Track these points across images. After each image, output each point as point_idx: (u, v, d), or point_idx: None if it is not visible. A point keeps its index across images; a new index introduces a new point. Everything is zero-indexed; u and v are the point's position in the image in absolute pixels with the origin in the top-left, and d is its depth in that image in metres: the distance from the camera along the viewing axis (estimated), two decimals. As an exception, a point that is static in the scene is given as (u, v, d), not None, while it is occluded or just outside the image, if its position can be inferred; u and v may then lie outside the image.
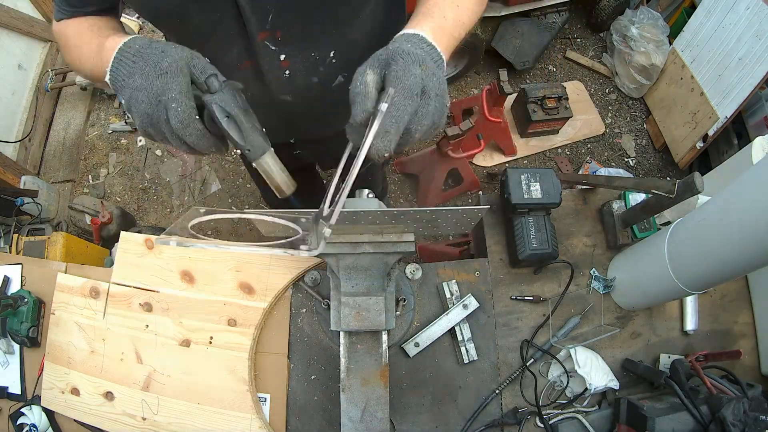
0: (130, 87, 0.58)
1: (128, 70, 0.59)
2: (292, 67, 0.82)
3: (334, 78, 0.87)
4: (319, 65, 0.83)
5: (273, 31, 0.75)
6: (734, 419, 0.84)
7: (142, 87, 0.57)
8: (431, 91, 0.58)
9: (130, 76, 0.59)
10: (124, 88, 0.59)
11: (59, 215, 2.40)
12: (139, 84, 0.57)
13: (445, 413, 1.00)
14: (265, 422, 0.95)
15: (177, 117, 0.56)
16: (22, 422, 1.01)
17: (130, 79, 0.59)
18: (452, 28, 0.69)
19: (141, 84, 0.57)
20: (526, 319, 1.08)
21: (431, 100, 0.58)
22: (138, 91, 0.57)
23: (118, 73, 0.60)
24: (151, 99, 0.57)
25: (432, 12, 0.68)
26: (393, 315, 0.82)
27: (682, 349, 1.11)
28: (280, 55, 0.79)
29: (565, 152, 2.68)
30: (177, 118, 0.56)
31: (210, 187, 2.53)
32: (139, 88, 0.57)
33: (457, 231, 0.83)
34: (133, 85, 0.58)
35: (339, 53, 0.83)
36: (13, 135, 2.46)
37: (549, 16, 2.62)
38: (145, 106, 0.57)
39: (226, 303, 1.00)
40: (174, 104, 0.56)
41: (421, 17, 0.68)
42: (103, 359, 1.00)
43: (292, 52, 0.79)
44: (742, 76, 2.12)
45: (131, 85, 0.58)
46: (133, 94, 0.58)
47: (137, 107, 0.58)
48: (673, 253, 0.91)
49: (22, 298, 1.05)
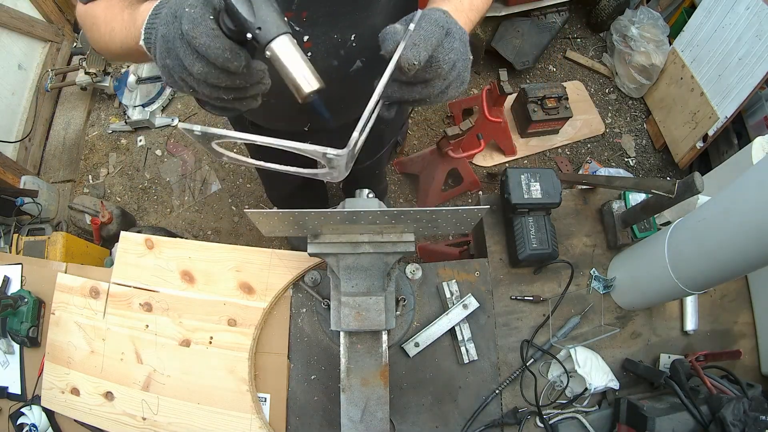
0: (159, 31, 0.55)
1: (159, 18, 0.56)
2: (314, 48, 0.82)
3: (352, 62, 0.88)
4: (340, 48, 0.84)
5: (299, 12, 0.75)
6: (734, 419, 0.84)
7: (163, 17, 0.54)
8: (455, 33, 0.62)
9: (161, 22, 0.55)
10: (156, 40, 0.56)
11: (59, 215, 2.40)
12: (162, 14, 0.55)
13: (445, 413, 1.00)
14: (265, 422, 0.95)
15: (188, 17, 0.51)
16: (22, 422, 1.01)
17: (161, 25, 0.55)
18: (468, 11, 0.74)
19: (164, 14, 0.54)
20: (526, 319, 1.08)
21: (455, 40, 0.62)
22: (160, 24, 0.55)
23: (150, 29, 0.59)
24: (169, 19, 0.54)
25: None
26: (393, 315, 0.82)
27: (682, 349, 1.11)
28: (304, 36, 0.79)
29: (565, 152, 2.68)
30: (188, 18, 0.51)
31: (210, 187, 2.53)
32: (162, 18, 0.54)
33: (457, 231, 0.83)
34: (158, 25, 0.56)
35: (359, 37, 0.83)
36: (13, 135, 2.46)
37: (549, 16, 2.62)
38: (162, 28, 0.54)
39: (226, 303, 1.00)
40: (187, 8, 0.52)
41: (439, 1, 0.72)
42: (103, 359, 1.00)
43: (316, 33, 0.79)
44: (742, 76, 2.12)
45: (160, 29, 0.55)
46: (158, 32, 0.55)
47: (157, 38, 0.55)
48: (673, 253, 0.91)
49: (22, 298, 1.05)
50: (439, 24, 0.61)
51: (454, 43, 0.62)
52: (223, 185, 2.53)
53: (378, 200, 0.85)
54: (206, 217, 2.47)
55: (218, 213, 2.47)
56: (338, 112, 1.01)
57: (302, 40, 0.80)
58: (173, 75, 0.56)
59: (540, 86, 2.45)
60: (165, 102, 2.67)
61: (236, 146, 2.67)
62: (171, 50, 0.54)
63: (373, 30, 0.84)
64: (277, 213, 0.71)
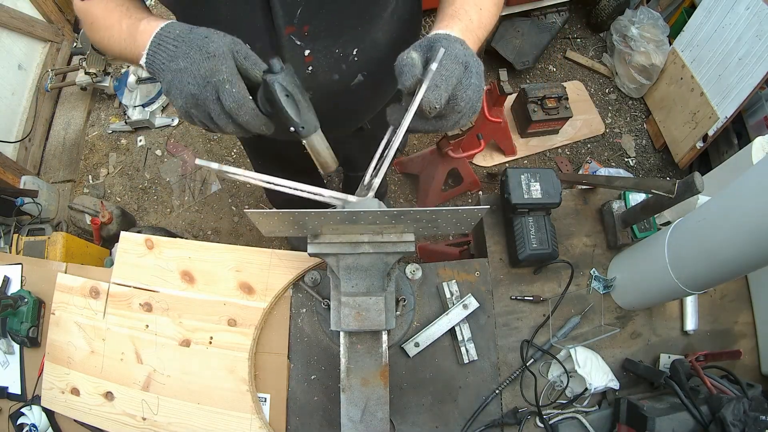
0: (173, 70, 0.60)
1: (169, 54, 0.61)
2: (315, 63, 0.81)
3: (354, 76, 0.88)
4: (341, 62, 0.83)
5: (300, 26, 0.75)
6: (734, 419, 0.84)
7: (187, 70, 0.59)
8: (472, 67, 0.64)
9: (172, 60, 0.60)
10: (164, 71, 0.61)
11: (59, 215, 2.40)
12: (183, 66, 0.59)
13: (445, 413, 1.00)
14: (265, 422, 0.95)
15: (232, 97, 0.59)
16: (22, 422, 1.01)
17: (172, 62, 0.60)
18: (477, 29, 0.74)
19: (186, 67, 0.59)
20: (526, 319, 1.08)
21: (473, 75, 0.64)
22: (182, 73, 0.59)
23: (156, 57, 0.62)
24: (199, 81, 0.59)
25: (458, 14, 0.72)
26: (393, 315, 0.82)
27: (682, 349, 1.11)
28: (305, 51, 0.79)
29: (565, 152, 2.68)
30: (232, 98, 0.59)
31: (210, 187, 2.53)
32: (184, 70, 0.59)
33: (457, 231, 0.83)
34: (175, 68, 0.60)
35: (361, 51, 0.83)
36: (13, 135, 2.46)
37: (549, 16, 2.62)
38: (192, 87, 0.59)
39: (226, 303, 1.00)
40: (228, 85, 0.58)
41: (448, 20, 0.72)
42: (103, 359, 1.00)
43: (317, 47, 0.79)
44: (742, 76, 2.12)
45: (173, 68, 0.60)
46: (176, 77, 0.60)
47: (182, 89, 0.60)
48: (673, 253, 0.91)
49: (22, 298, 1.05)
50: (459, 60, 0.63)
51: (471, 79, 0.64)
52: (223, 185, 2.53)
53: (378, 200, 0.85)
54: (206, 217, 2.47)
55: (218, 213, 2.47)
56: (339, 124, 1.01)
57: (303, 54, 0.79)
58: (194, 119, 0.63)
59: (540, 86, 2.45)
60: (165, 102, 2.67)
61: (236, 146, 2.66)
62: (201, 107, 0.61)
63: (375, 44, 0.84)
64: (276, 213, 0.71)
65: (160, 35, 0.62)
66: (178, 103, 0.62)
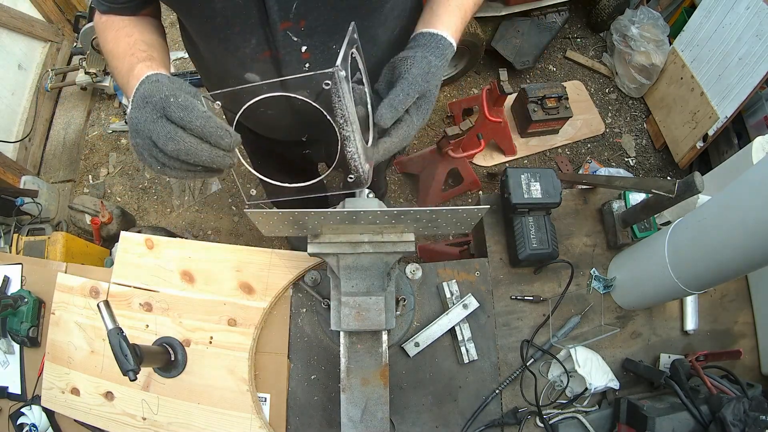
0: (131, 117, 0.64)
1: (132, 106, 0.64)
2: (312, 59, 0.80)
3: (351, 73, 0.87)
4: None
5: (297, 21, 0.73)
6: (734, 419, 0.84)
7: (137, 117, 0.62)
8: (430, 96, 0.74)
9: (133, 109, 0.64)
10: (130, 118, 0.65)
11: (59, 215, 2.40)
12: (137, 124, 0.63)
13: (445, 413, 1.00)
14: (265, 422, 0.95)
15: (177, 105, 0.60)
16: (22, 422, 1.01)
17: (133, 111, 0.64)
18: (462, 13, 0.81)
19: (137, 115, 0.62)
20: (526, 319, 1.08)
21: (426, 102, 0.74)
22: (136, 120, 0.62)
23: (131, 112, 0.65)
24: (146, 115, 0.61)
25: None
26: (393, 315, 0.82)
27: (682, 349, 1.11)
28: (302, 47, 0.77)
29: (565, 152, 2.68)
30: (177, 106, 0.60)
31: (210, 187, 2.53)
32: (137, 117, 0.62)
33: (457, 231, 0.83)
34: (132, 116, 0.64)
35: (359, 47, 0.82)
36: (13, 135, 2.46)
37: (549, 15, 2.62)
38: (140, 124, 0.61)
39: (226, 303, 1.00)
40: (171, 99, 0.60)
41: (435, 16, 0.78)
42: (103, 359, 1.00)
43: (314, 43, 0.78)
44: (742, 76, 2.12)
45: (131, 116, 0.64)
46: (131, 123, 0.63)
47: (136, 129, 0.62)
48: (673, 253, 0.91)
49: (22, 298, 1.05)
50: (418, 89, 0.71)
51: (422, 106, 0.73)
52: (223, 185, 2.53)
53: (378, 200, 0.85)
54: (206, 217, 2.47)
55: (218, 213, 2.47)
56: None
57: (300, 50, 0.78)
58: (143, 152, 0.63)
59: (540, 86, 2.45)
60: (165, 102, 2.66)
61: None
62: (140, 132, 0.61)
63: (374, 41, 0.83)
64: (276, 213, 0.71)
65: (136, 92, 0.65)
66: (130, 138, 0.64)
